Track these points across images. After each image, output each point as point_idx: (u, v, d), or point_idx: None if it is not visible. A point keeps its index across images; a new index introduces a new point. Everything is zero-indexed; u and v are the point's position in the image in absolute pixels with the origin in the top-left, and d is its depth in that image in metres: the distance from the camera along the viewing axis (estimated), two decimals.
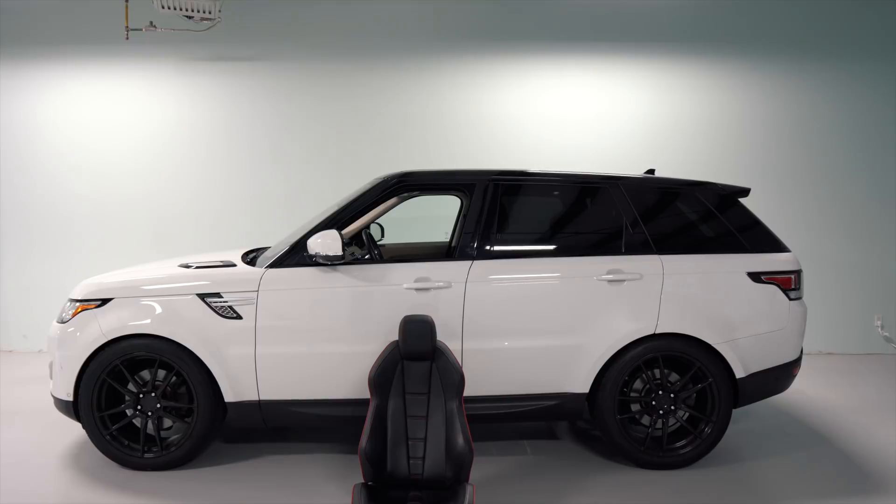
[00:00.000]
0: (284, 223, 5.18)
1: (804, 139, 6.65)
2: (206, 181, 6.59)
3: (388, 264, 3.83)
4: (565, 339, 3.75)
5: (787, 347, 3.92)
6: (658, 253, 3.86)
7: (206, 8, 5.73)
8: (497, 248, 3.86)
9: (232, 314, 3.66)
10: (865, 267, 6.66)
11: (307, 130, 6.59)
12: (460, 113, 6.60)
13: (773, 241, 4.00)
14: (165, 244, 6.48)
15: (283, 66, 6.56)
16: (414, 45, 6.59)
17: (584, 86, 6.63)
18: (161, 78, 6.53)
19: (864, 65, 6.58)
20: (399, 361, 3.30)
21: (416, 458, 3.19)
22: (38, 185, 6.58)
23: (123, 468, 3.77)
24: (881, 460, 3.99)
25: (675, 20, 6.57)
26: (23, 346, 6.65)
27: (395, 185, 3.94)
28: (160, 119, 6.56)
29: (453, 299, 3.71)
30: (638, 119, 6.63)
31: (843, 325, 6.66)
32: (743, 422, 4.61)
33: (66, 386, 3.69)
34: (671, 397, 3.80)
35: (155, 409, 3.73)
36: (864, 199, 6.65)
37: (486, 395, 3.74)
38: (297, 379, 3.70)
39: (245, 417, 3.73)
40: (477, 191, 3.93)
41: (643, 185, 4.07)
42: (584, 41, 6.59)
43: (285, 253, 3.80)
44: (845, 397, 5.27)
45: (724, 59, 6.60)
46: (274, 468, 3.86)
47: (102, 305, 3.71)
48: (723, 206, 4.02)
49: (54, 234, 6.60)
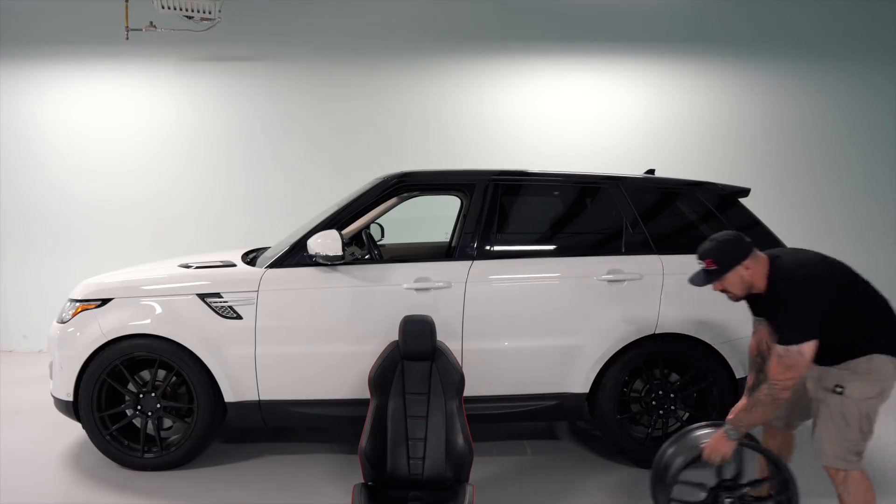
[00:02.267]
0: (284, 223, 5.17)
1: (804, 139, 6.65)
2: (205, 181, 6.59)
3: (388, 264, 3.83)
4: (565, 339, 3.75)
5: None
6: (658, 253, 3.86)
7: (206, 8, 5.73)
8: (497, 248, 3.86)
9: (232, 314, 3.66)
10: (865, 267, 6.51)
11: (307, 130, 6.59)
12: (460, 113, 6.60)
13: (773, 241, 4.00)
14: (165, 244, 6.48)
15: (283, 66, 6.56)
16: (414, 46, 6.58)
17: (584, 86, 6.63)
18: (161, 78, 6.53)
19: (864, 65, 6.57)
20: (399, 361, 3.30)
21: (416, 458, 3.19)
22: (39, 185, 6.58)
23: (123, 468, 3.77)
24: (881, 460, 3.99)
25: (674, 20, 6.57)
26: (23, 346, 6.65)
27: (395, 186, 3.94)
28: (160, 119, 6.56)
29: (453, 299, 3.71)
30: (638, 119, 6.62)
31: None
32: None
33: (66, 386, 3.69)
34: (671, 397, 3.80)
35: (155, 409, 3.73)
36: (864, 199, 6.65)
37: (486, 395, 3.75)
38: (297, 379, 3.70)
39: (245, 417, 3.73)
40: (477, 191, 3.93)
41: (643, 185, 4.07)
42: (585, 41, 6.58)
43: (285, 253, 3.80)
44: None
45: (724, 59, 6.60)
46: (274, 468, 3.86)
47: (102, 305, 3.71)
48: (723, 206, 4.02)
49: (54, 234, 6.59)
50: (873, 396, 2.64)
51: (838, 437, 2.66)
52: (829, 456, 2.68)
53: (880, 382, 2.64)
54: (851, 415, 2.64)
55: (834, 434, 2.67)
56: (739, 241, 2.73)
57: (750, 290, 2.74)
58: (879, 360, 2.63)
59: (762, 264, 2.72)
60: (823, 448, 2.69)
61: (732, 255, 2.69)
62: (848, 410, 2.64)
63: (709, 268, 2.72)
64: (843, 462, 2.66)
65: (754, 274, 2.70)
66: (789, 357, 2.56)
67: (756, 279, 2.71)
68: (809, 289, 2.62)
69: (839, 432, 2.66)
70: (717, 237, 2.77)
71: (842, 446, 2.66)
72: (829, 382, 2.69)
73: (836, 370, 2.68)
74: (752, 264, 2.69)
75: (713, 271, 2.71)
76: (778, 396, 2.62)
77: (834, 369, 2.69)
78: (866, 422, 2.65)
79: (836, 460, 2.67)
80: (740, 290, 2.74)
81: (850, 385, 2.64)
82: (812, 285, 2.63)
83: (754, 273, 2.70)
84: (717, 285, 2.76)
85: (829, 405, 2.68)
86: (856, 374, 2.64)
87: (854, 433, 2.65)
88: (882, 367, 2.64)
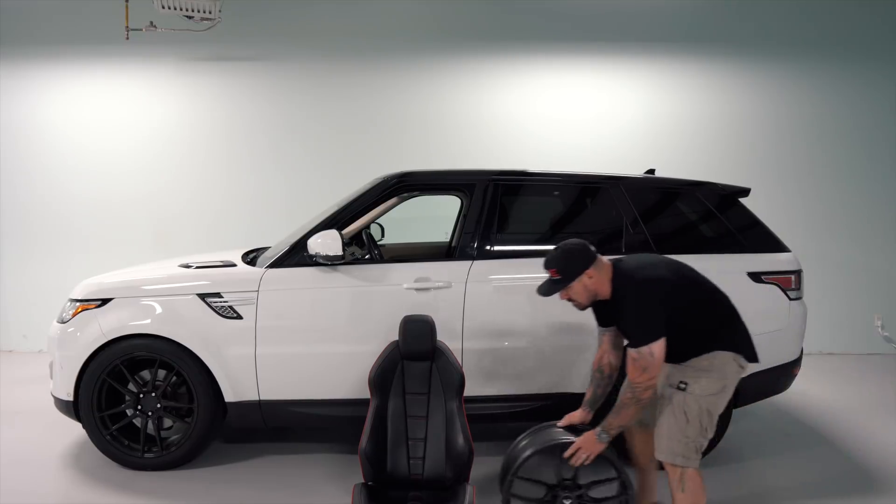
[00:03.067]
0: (284, 223, 5.17)
1: (804, 139, 6.65)
2: (206, 181, 6.59)
3: (388, 264, 3.83)
4: (565, 338, 3.74)
5: (787, 347, 3.92)
6: (658, 253, 3.85)
7: (206, 8, 5.74)
8: (497, 247, 3.86)
9: (232, 314, 3.66)
10: (866, 267, 6.66)
11: (307, 130, 6.59)
12: (460, 113, 6.60)
13: (773, 241, 4.00)
14: (165, 244, 6.48)
15: (283, 66, 6.56)
16: (414, 46, 6.59)
17: (585, 86, 6.63)
18: (161, 78, 6.53)
19: (864, 65, 6.58)
20: (399, 361, 3.30)
21: (416, 458, 3.19)
22: (38, 185, 6.58)
23: (123, 468, 3.77)
24: (881, 460, 3.99)
25: (675, 20, 6.57)
26: (23, 346, 6.65)
27: (395, 185, 3.94)
28: (160, 119, 6.56)
29: (453, 299, 3.71)
30: (638, 119, 6.63)
31: (843, 325, 6.66)
32: (743, 422, 4.60)
33: (67, 386, 3.69)
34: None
35: (155, 409, 3.73)
36: (864, 199, 6.65)
37: (486, 395, 3.75)
38: (298, 379, 3.70)
39: (245, 417, 3.73)
40: (477, 191, 3.93)
41: (643, 184, 4.07)
42: (585, 41, 6.59)
43: (285, 253, 3.80)
44: (845, 397, 5.28)
45: (724, 59, 6.60)
46: (274, 468, 3.86)
47: (103, 305, 3.71)
48: (723, 206, 4.01)
49: (54, 234, 6.60)
50: (715, 393, 2.71)
51: (678, 433, 2.71)
52: (667, 452, 2.72)
53: (723, 379, 2.72)
54: (692, 411, 2.70)
55: (674, 430, 2.72)
56: (583, 251, 2.80)
57: (595, 297, 2.82)
58: (722, 356, 2.71)
59: (606, 272, 2.79)
60: (663, 443, 2.73)
61: (575, 265, 2.76)
62: (689, 406, 2.71)
63: (553, 277, 2.79)
64: (682, 458, 2.70)
65: (598, 282, 2.78)
66: (642, 359, 2.64)
67: (600, 287, 2.78)
68: (649, 289, 2.69)
69: (679, 428, 2.71)
70: (562, 246, 2.85)
71: (681, 442, 2.70)
72: (674, 379, 2.76)
73: (682, 367, 2.76)
74: (595, 273, 2.77)
75: (557, 281, 2.78)
76: (640, 397, 2.69)
77: (680, 367, 2.77)
78: (706, 417, 2.71)
79: (675, 456, 2.71)
80: (585, 299, 2.82)
81: (694, 381, 2.71)
82: (651, 285, 2.69)
83: (598, 281, 2.77)
84: (562, 294, 2.83)
85: (673, 401, 2.74)
86: (699, 371, 2.72)
87: (693, 429, 2.70)
88: (724, 364, 2.72)
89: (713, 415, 2.73)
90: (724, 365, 2.72)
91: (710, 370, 2.71)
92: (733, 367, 2.74)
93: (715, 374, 2.71)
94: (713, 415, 2.73)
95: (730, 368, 2.73)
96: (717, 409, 2.74)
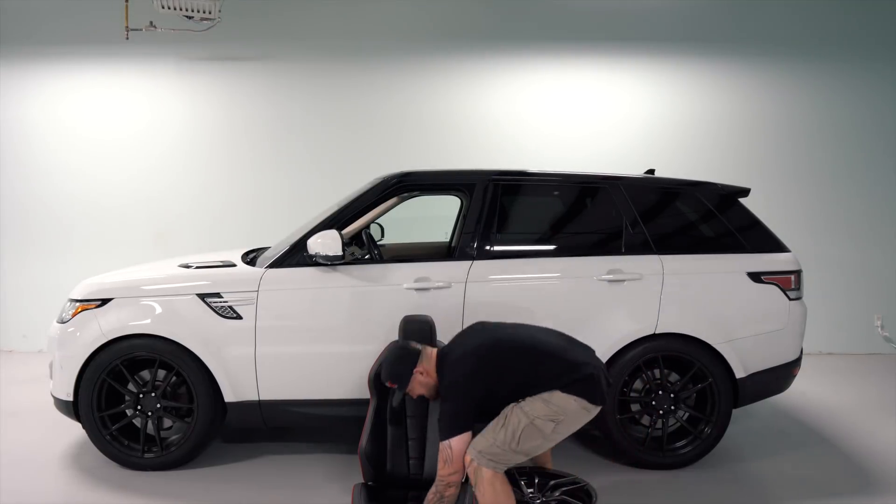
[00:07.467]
0: (284, 223, 5.17)
1: (804, 139, 6.65)
2: (206, 181, 6.59)
3: (388, 264, 3.83)
4: None
5: (787, 347, 3.92)
6: (658, 253, 3.85)
7: (206, 8, 5.74)
8: (497, 248, 3.86)
9: (232, 314, 3.66)
10: (866, 267, 6.66)
11: (307, 130, 6.59)
12: (460, 113, 6.60)
13: (773, 241, 4.00)
14: (165, 244, 6.48)
15: (283, 66, 6.56)
16: (414, 45, 6.59)
17: (584, 86, 6.63)
18: (161, 78, 6.53)
19: (864, 65, 6.58)
20: None
21: (416, 458, 3.19)
22: (38, 185, 6.58)
23: (123, 468, 3.77)
24: (881, 460, 3.99)
25: (674, 20, 6.57)
26: (23, 346, 6.65)
27: (395, 185, 3.93)
28: (160, 119, 6.56)
29: (453, 299, 3.71)
30: (638, 119, 6.63)
31: (843, 325, 6.66)
32: (743, 422, 4.60)
33: (66, 386, 3.69)
34: (671, 397, 3.80)
35: (155, 409, 3.73)
36: (864, 199, 6.65)
37: None
38: (297, 379, 3.70)
39: (245, 417, 3.73)
40: (477, 191, 3.93)
41: (643, 185, 4.06)
42: (585, 41, 6.59)
43: (285, 253, 3.80)
44: (845, 397, 5.27)
45: (725, 59, 6.60)
46: (274, 468, 3.86)
47: (102, 305, 3.71)
48: (723, 206, 4.01)
49: (54, 234, 6.60)
50: (545, 416, 2.74)
51: (490, 432, 2.76)
52: (472, 445, 2.75)
53: (560, 413, 2.76)
54: (513, 419, 2.75)
55: (489, 428, 2.77)
56: (403, 355, 2.94)
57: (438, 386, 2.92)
58: (559, 396, 2.76)
59: (432, 362, 2.93)
60: (476, 438, 2.77)
61: (403, 369, 2.90)
62: (513, 415, 2.76)
63: (392, 387, 2.94)
64: (477, 454, 2.72)
65: (429, 373, 2.91)
66: (444, 452, 2.74)
67: (434, 376, 2.92)
68: (454, 387, 2.79)
69: (493, 428, 2.76)
70: (387, 358, 2.98)
71: (487, 440, 2.74)
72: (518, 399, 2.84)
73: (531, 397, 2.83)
74: (424, 367, 2.91)
75: (398, 388, 2.92)
76: (444, 494, 2.77)
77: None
78: (525, 434, 2.73)
79: (473, 449, 2.74)
80: (430, 392, 2.95)
81: (531, 402, 2.78)
82: (458, 386, 2.78)
83: (428, 372, 2.91)
84: (412, 393, 2.95)
85: (505, 411, 2.80)
86: (537, 399, 2.77)
87: (504, 436, 2.73)
88: (562, 400, 2.76)
89: (533, 437, 2.74)
90: (561, 401, 2.76)
91: (548, 401, 2.76)
92: (573, 405, 2.77)
93: (553, 406, 2.76)
94: (533, 437, 2.74)
95: (570, 406, 2.76)
96: (541, 433, 2.75)
